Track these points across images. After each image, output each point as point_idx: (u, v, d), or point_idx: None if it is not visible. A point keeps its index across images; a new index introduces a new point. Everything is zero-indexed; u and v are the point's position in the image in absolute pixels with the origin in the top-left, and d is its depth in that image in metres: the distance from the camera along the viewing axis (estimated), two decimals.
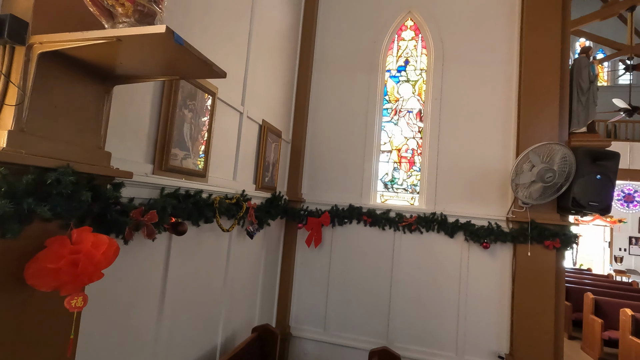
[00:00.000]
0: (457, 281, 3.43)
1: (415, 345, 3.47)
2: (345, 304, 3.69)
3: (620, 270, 11.16)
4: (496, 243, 3.33)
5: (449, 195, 3.54)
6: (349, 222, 3.73)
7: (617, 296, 6.00)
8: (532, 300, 3.12)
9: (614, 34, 11.73)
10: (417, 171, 3.75)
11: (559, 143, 2.96)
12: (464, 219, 3.40)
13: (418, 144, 3.77)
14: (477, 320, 3.35)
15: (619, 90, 12.24)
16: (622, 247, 11.97)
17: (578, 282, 7.13)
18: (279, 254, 3.76)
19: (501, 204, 3.39)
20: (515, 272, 3.23)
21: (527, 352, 3.08)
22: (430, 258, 3.52)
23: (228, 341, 2.68)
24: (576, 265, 11.76)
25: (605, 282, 7.75)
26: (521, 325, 3.14)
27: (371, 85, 3.87)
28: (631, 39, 9.47)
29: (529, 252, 3.12)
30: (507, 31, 3.56)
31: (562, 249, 3.13)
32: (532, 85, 3.32)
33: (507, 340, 3.25)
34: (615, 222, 11.33)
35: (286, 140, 3.80)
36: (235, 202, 2.42)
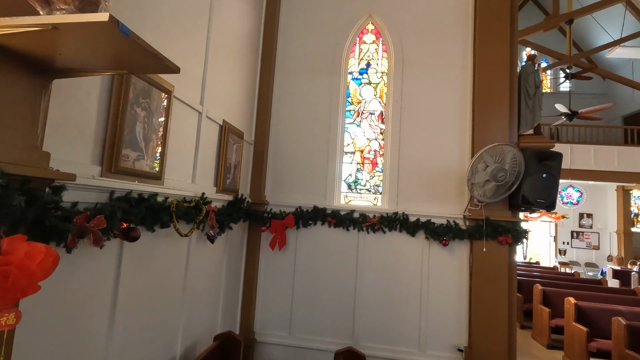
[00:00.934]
0: (419, 278, 3.52)
1: (380, 343, 3.52)
2: (310, 306, 3.66)
3: (564, 262, 12.11)
4: (454, 240, 3.47)
5: (410, 195, 3.64)
6: (313, 224, 3.71)
7: (562, 286, 6.49)
8: (488, 293, 3.28)
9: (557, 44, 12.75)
10: (379, 172, 3.82)
11: (510, 144, 3.14)
12: (425, 217, 3.51)
13: (380, 145, 3.85)
14: (438, 316, 3.46)
15: (560, 96, 13.30)
16: (565, 241, 12.99)
17: (528, 274, 7.63)
18: (242, 258, 3.66)
19: (459, 203, 3.54)
20: (472, 268, 3.38)
21: (484, 343, 3.23)
22: (393, 257, 3.59)
23: (188, 351, 2.55)
24: (526, 259, 12.58)
25: (551, 274, 8.36)
26: (478, 318, 3.28)
27: (334, 87, 3.90)
28: (570, 50, 10.32)
29: (484, 248, 3.28)
30: (462, 39, 3.73)
31: (514, 244, 3.32)
32: (485, 91, 3.51)
33: (466, 333, 3.38)
34: (559, 218, 12.28)
35: (249, 142, 3.72)
36: (194, 205, 2.31)
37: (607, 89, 13.71)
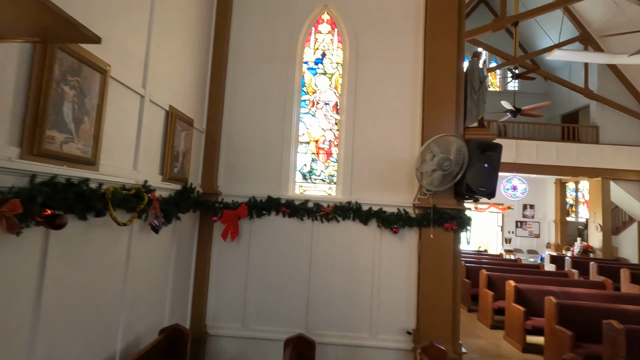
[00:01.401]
0: (371, 266, 3.62)
1: (333, 330, 3.58)
2: (264, 296, 3.64)
3: (509, 249, 13.03)
4: (404, 228, 3.59)
5: (363, 185, 3.71)
6: (267, 214, 3.67)
7: (505, 271, 6.98)
8: (434, 277, 3.44)
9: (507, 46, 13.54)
10: (334, 162, 3.86)
11: (455, 135, 3.29)
12: (377, 206, 3.60)
13: (335, 135, 3.88)
14: (389, 301, 3.58)
15: (508, 95, 14.17)
16: (510, 230, 13.97)
17: (476, 261, 8.12)
18: (193, 249, 3.55)
19: (409, 192, 3.66)
20: (420, 254, 3.53)
21: (430, 325, 3.39)
22: (347, 245, 3.65)
23: (131, 347, 2.43)
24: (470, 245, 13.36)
25: (497, 260, 8.96)
26: (425, 301, 3.44)
27: (289, 76, 3.86)
28: (516, 51, 11.00)
29: (431, 234, 3.42)
30: (413, 34, 3.84)
31: (459, 230, 3.50)
32: (434, 84, 3.64)
33: (414, 316, 3.53)
34: (505, 208, 13.17)
35: (200, 130, 3.59)
36: (135, 193, 2.19)
37: (549, 89, 14.83)
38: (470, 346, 5.07)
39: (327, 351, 3.53)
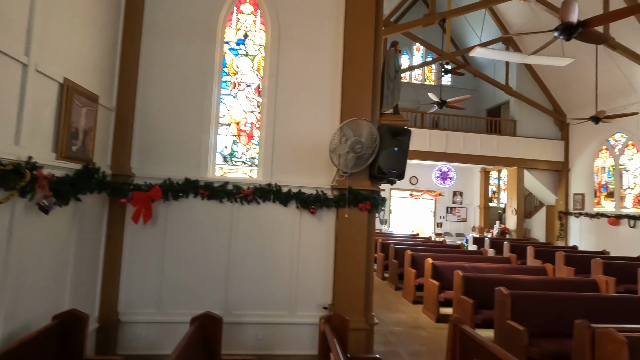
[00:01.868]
0: (291, 246, 3.72)
1: (253, 310, 3.64)
2: (182, 280, 3.58)
3: (439, 233, 14.08)
4: (322, 208, 3.73)
5: (284, 167, 3.77)
6: (185, 197, 3.59)
7: (429, 251, 7.55)
8: (349, 255, 3.63)
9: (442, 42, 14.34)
10: (255, 145, 3.86)
11: (366, 119, 3.46)
12: (296, 188, 3.69)
13: (257, 118, 3.87)
14: (307, 279, 3.72)
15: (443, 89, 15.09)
16: (441, 215, 15.07)
17: (405, 243, 8.66)
18: (101, 233, 3.37)
19: (328, 174, 3.79)
20: (337, 233, 3.70)
21: (345, 299, 3.59)
22: (267, 226, 3.71)
23: (15, 335, 2.27)
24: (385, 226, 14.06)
25: (424, 242, 9.64)
26: (341, 277, 3.63)
27: (209, 55, 3.76)
28: (448, 47, 11.70)
29: (346, 214, 3.60)
30: (334, 21, 3.92)
31: (372, 210, 3.72)
32: (352, 71, 3.78)
33: (331, 292, 3.71)
34: (436, 195, 14.15)
35: (108, 107, 3.37)
36: (13, 169, 2.02)
37: (477, 85, 16.05)
38: (392, 320, 5.46)
39: (247, 331, 3.59)
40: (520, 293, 3.92)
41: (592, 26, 4.33)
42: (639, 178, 10.33)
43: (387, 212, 14.63)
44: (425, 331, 5.00)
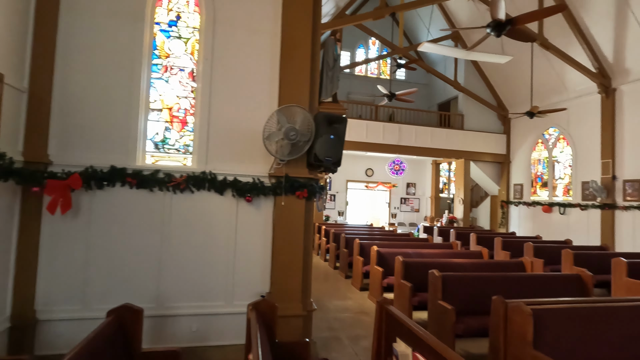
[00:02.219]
0: (228, 235, 3.64)
1: (188, 301, 3.53)
2: (110, 274, 3.38)
3: (392, 223, 14.55)
4: (260, 197, 3.69)
5: (220, 155, 3.67)
6: (111, 186, 3.38)
7: (379, 240, 7.78)
8: (287, 242, 3.63)
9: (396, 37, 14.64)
10: (190, 131, 3.72)
11: (299, 106, 3.45)
12: (232, 176, 3.61)
13: (191, 104, 3.73)
14: (245, 268, 3.67)
15: (395, 82, 15.49)
16: (396, 206, 15.58)
17: (356, 233, 8.85)
18: (12, 226, 3.09)
19: (266, 162, 3.75)
20: (275, 221, 3.68)
21: (283, 287, 3.59)
22: (203, 216, 3.60)
23: None
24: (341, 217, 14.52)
25: (376, 232, 9.91)
26: (278, 265, 3.62)
27: (137, 36, 3.54)
28: (401, 42, 11.99)
29: (282, 202, 3.59)
30: (272, 5, 3.84)
31: (311, 198, 3.74)
32: (290, 58, 3.74)
33: (269, 280, 3.69)
34: (391, 186, 14.58)
35: (18, 88, 3.08)
36: None
37: (430, 80, 16.66)
38: (339, 307, 5.57)
39: (181, 323, 3.49)
40: (451, 275, 4.15)
41: (520, 24, 4.63)
42: (568, 169, 11.30)
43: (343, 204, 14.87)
44: (369, 316, 5.16)
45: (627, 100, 9.59)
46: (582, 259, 6.84)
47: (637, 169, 9.21)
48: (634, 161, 9.30)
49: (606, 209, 9.68)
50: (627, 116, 9.56)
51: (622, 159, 9.59)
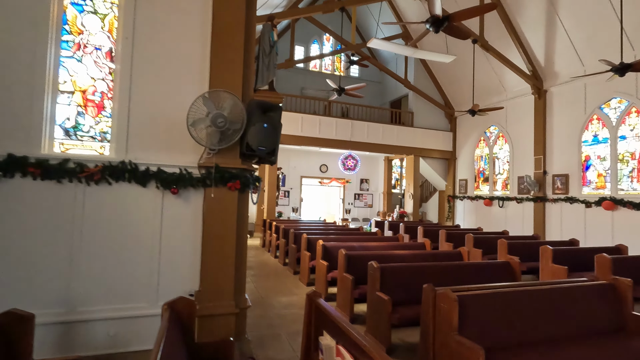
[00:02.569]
0: (152, 230, 3.36)
1: (105, 304, 3.21)
2: (11, 277, 2.97)
3: (345, 218, 14.70)
4: (188, 189, 3.44)
5: (143, 144, 3.37)
6: (9, 177, 2.97)
7: (326, 234, 7.75)
8: (218, 237, 3.42)
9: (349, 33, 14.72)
10: (107, 117, 3.38)
11: (228, 91, 3.25)
12: (155, 166, 3.33)
13: (109, 86, 3.38)
14: (172, 265, 3.41)
15: (350, 79, 15.62)
16: (350, 202, 15.75)
17: (305, 228, 8.76)
18: None
19: (196, 152, 3.50)
20: (204, 215, 3.45)
21: (213, 285, 3.38)
22: (123, 210, 3.28)
23: None
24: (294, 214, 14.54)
25: (327, 227, 9.90)
26: (208, 261, 3.40)
27: (43, 8, 3.13)
28: (353, 38, 12.06)
29: (212, 194, 3.37)
30: None
31: (244, 190, 3.56)
32: (222, 41, 3.52)
33: (199, 278, 3.46)
34: (344, 182, 14.69)
35: None
36: None
37: (382, 78, 17.01)
38: (283, 303, 5.42)
39: (96, 328, 3.16)
40: (389, 266, 4.17)
41: (455, 20, 4.77)
42: (506, 165, 12.07)
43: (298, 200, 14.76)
44: None
45: (556, 102, 10.41)
46: (516, 247, 7.30)
47: (564, 165, 10.04)
48: (561, 157, 10.12)
49: (538, 201, 10.46)
50: (555, 116, 10.37)
51: (551, 155, 10.40)
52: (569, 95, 9.98)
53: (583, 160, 9.58)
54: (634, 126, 8.47)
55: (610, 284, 3.59)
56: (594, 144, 9.33)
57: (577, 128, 9.71)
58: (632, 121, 8.52)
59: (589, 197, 9.27)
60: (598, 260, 5.46)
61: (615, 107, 8.88)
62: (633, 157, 8.45)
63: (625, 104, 8.65)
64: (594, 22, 8.64)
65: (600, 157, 9.18)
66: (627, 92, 8.52)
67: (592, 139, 9.38)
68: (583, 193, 9.51)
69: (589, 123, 9.48)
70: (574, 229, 9.53)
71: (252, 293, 5.92)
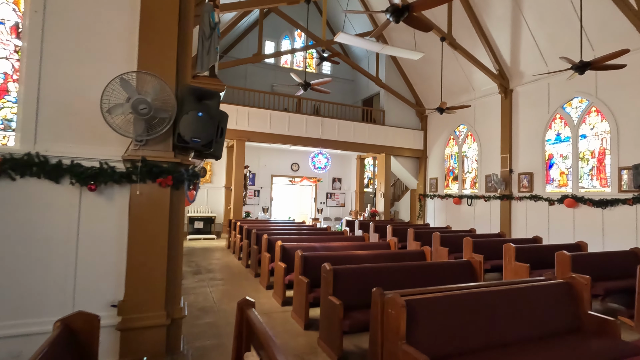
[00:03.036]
0: (68, 232, 2.93)
1: (10, 319, 2.75)
2: None
3: (316, 218, 14.43)
4: (112, 186, 3.03)
5: (56, 134, 2.93)
6: None
7: (290, 234, 7.43)
8: (146, 240, 3.04)
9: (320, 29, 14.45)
10: (12, 102, 2.92)
11: (152, 74, 2.87)
12: (69, 159, 2.90)
13: (14, 67, 2.93)
14: (93, 274, 2.99)
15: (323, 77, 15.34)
16: (322, 201, 15.49)
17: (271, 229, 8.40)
18: None
19: (121, 144, 3.09)
20: (130, 214, 3.06)
21: (140, 294, 2.99)
22: (29, 210, 2.84)
23: None
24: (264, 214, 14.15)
25: (293, 227, 9.57)
26: (135, 267, 3.01)
27: None
28: (324, 34, 11.79)
29: (138, 191, 2.98)
30: None
31: (177, 187, 3.18)
32: (153, 20, 3.13)
33: (124, 286, 3.06)
34: (315, 181, 14.41)
35: None
36: None
37: (355, 76, 16.85)
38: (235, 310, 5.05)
39: None
40: (342, 268, 3.91)
41: (415, 10, 4.58)
42: (475, 163, 12.16)
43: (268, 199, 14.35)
44: (266, 317, 4.75)
45: (521, 101, 10.54)
46: (481, 246, 7.24)
47: (529, 163, 10.17)
48: (526, 156, 10.25)
49: (505, 199, 10.55)
50: (521, 115, 10.50)
51: (517, 153, 10.53)
52: (534, 94, 10.12)
53: (547, 158, 9.73)
54: (594, 125, 8.65)
55: (566, 283, 3.47)
56: (557, 143, 9.48)
57: (541, 127, 9.85)
58: (592, 120, 8.69)
59: (552, 195, 9.41)
60: (558, 257, 5.42)
61: (576, 106, 9.05)
62: (593, 156, 8.62)
63: (585, 103, 8.82)
64: (557, 21, 8.76)
65: (562, 156, 9.33)
66: (588, 92, 8.68)
67: (555, 137, 9.53)
68: (547, 191, 9.65)
69: (552, 122, 9.63)
70: (539, 227, 9.66)
71: (205, 298, 5.53)
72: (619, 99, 8.06)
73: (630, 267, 5.58)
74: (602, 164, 8.41)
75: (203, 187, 13.05)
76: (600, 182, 8.44)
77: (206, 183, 13.04)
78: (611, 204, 7.99)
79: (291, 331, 4.28)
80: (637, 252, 6.03)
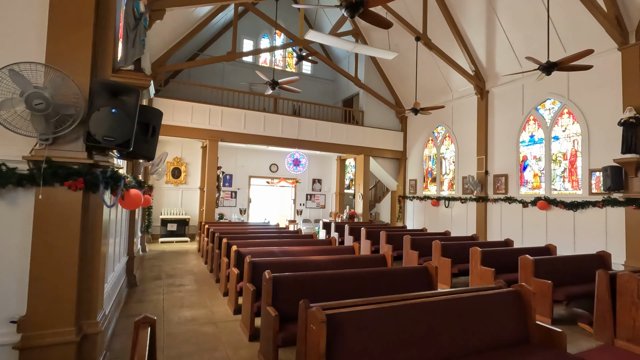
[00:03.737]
0: None
1: None
2: None
3: (293, 220, 14.18)
4: (13, 188, 2.75)
5: None
6: None
7: (252, 238, 7.16)
8: (53, 249, 2.76)
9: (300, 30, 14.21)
10: None
11: (50, 65, 2.61)
12: None
13: None
14: None
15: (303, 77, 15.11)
16: (301, 203, 15.24)
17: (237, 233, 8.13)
18: None
19: (27, 143, 2.82)
20: (35, 220, 2.77)
21: (45, 309, 2.72)
22: None
23: None
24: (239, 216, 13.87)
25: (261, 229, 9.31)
26: (39, 279, 2.73)
27: None
28: (301, 33, 11.56)
29: (40, 195, 2.71)
30: None
31: (91, 190, 2.92)
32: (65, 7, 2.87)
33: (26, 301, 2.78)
34: (294, 182, 14.16)
35: None
36: None
37: (335, 76, 16.66)
38: (183, 319, 4.76)
39: None
40: (284, 276, 3.68)
41: (371, 5, 4.39)
42: (452, 165, 12.05)
43: (246, 201, 14.05)
44: (214, 327, 4.49)
45: (497, 103, 10.46)
46: (450, 249, 7.08)
47: (503, 165, 10.08)
48: (501, 158, 10.17)
49: (480, 201, 10.45)
50: (496, 117, 10.42)
51: (492, 155, 10.44)
52: (508, 96, 10.05)
53: (521, 160, 9.65)
54: (566, 127, 8.58)
55: (515, 291, 3.29)
56: (531, 145, 9.41)
57: (515, 128, 9.78)
58: (564, 122, 8.63)
59: (526, 197, 9.33)
60: (521, 262, 5.28)
61: (549, 108, 8.98)
62: (565, 158, 8.56)
63: (558, 105, 8.76)
64: (530, 23, 8.69)
65: (536, 158, 9.26)
66: (560, 94, 8.62)
67: (529, 139, 9.46)
68: (521, 193, 9.57)
69: (526, 124, 9.56)
70: (513, 229, 9.57)
71: (155, 306, 5.24)
72: (590, 100, 8.00)
73: (595, 271, 5.47)
74: (574, 166, 8.35)
75: (177, 188, 12.72)
76: (572, 184, 8.38)
77: (181, 184, 12.70)
78: (582, 206, 7.92)
79: (235, 342, 4.03)
80: (602, 255, 5.93)
